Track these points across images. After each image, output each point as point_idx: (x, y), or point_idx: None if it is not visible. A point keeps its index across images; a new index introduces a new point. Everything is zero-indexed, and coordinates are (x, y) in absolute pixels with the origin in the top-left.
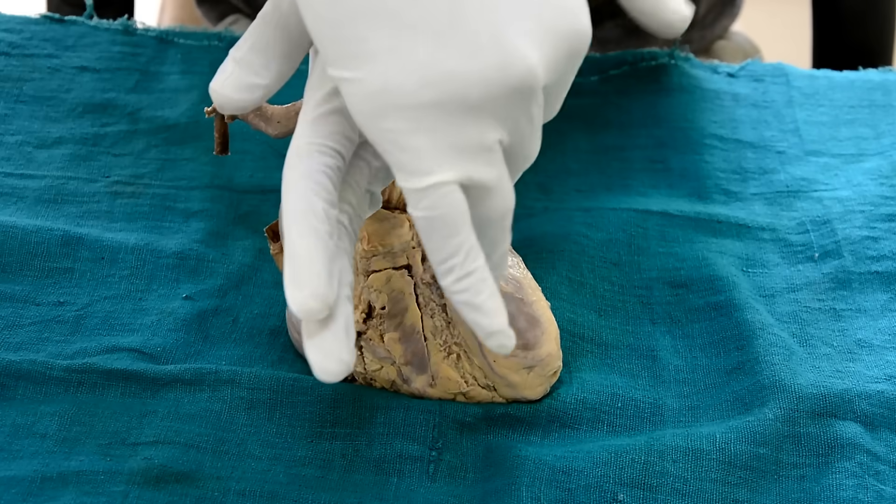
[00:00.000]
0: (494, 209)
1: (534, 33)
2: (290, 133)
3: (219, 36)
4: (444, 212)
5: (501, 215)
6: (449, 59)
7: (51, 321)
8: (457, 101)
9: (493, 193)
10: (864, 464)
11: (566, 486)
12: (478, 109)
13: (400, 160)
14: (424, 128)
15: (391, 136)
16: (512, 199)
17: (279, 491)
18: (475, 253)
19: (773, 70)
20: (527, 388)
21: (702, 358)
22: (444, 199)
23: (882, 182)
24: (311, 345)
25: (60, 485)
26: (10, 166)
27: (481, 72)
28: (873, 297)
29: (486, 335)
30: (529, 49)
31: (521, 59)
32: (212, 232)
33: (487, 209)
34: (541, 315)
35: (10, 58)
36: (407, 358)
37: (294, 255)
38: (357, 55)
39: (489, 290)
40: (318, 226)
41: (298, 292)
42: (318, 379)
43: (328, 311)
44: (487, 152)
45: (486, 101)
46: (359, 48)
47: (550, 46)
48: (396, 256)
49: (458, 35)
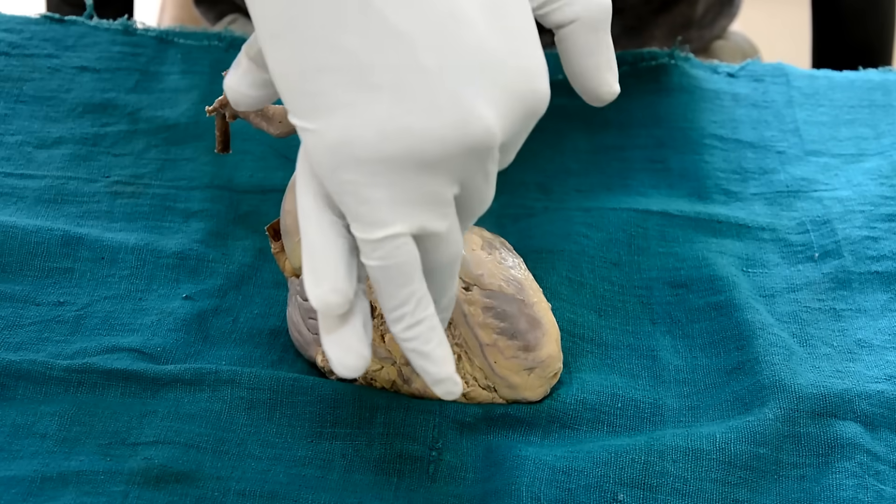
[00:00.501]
0: (444, 256)
1: (492, 94)
2: (291, 133)
3: (219, 36)
4: (397, 262)
5: (450, 262)
6: (408, 115)
7: (51, 321)
8: (414, 157)
9: (443, 243)
10: (864, 464)
11: (566, 486)
12: (434, 166)
13: (356, 211)
14: (381, 181)
15: (348, 188)
16: (460, 246)
17: (279, 491)
18: (425, 302)
19: (773, 70)
20: (527, 389)
21: (702, 358)
22: (398, 250)
23: (882, 182)
24: (330, 340)
25: (60, 485)
26: (10, 166)
27: (439, 130)
28: (873, 297)
29: (434, 382)
30: (487, 109)
31: (478, 120)
32: (212, 232)
33: (438, 257)
34: (542, 317)
35: (10, 58)
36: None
37: (312, 250)
38: (318, 107)
39: (437, 339)
40: (336, 221)
41: (318, 287)
42: (338, 374)
43: (348, 306)
44: (441, 205)
45: (443, 158)
46: (320, 101)
47: (508, 107)
48: None
49: (418, 93)
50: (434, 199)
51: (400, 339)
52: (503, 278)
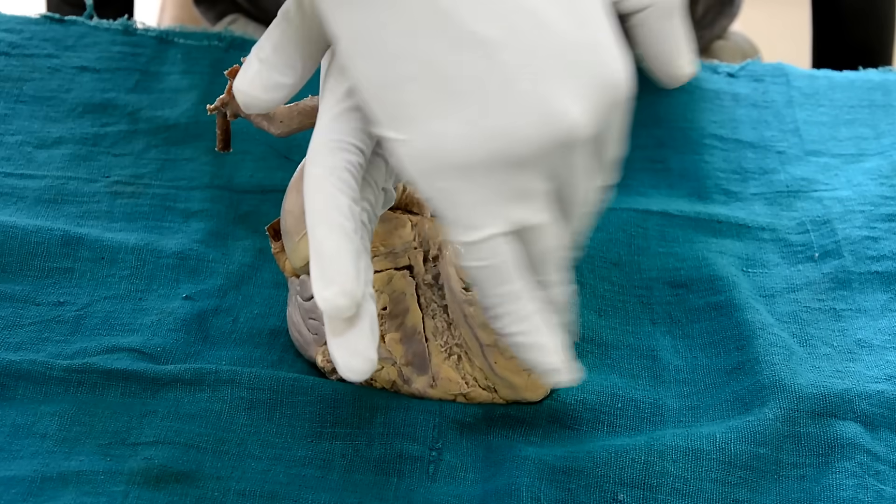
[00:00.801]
0: (546, 249)
1: (574, 87)
2: (293, 133)
3: (219, 36)
4: (495, 262)
5: (553, 254)
6: (493, 118)
7: (51, 321)
8: (503, 158)
9: (544, 235)
10: (864, 464)
11: (566, 486)
12: (525, 164)
13: (452, 216)
14: (473, 185)
15: (442, 194)
16: (563, 239)
17: (279, 491)
18: (526, 298)
19: (773, 70)
20: (527, 389)
21: (702, 358)
22: (496, 250)
23: (882, 182)
24: (338, 343)
25: (60, 485)
26: (10, 166)
27: (525, 129)
28: (873, 297)
29: (546, 373)
30: (570, 103)
31: (562, 115)
32: (212, 232)
33: (540, 249)
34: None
35: (10, 58)
36: (408, 358)
37: (321, 252)
38: (405, 118)
39: (545, 331)
40: (344, 222)
41: (327, 290)
42: (344, 377)
43: (356, 309)
44: (535, 201)
45: (532, 156)
46: (406, 111)
47: (590, 99)
48: (398, 257)
49: (501, 95)
50: (528, 194)
51: (506, 334)
52: None
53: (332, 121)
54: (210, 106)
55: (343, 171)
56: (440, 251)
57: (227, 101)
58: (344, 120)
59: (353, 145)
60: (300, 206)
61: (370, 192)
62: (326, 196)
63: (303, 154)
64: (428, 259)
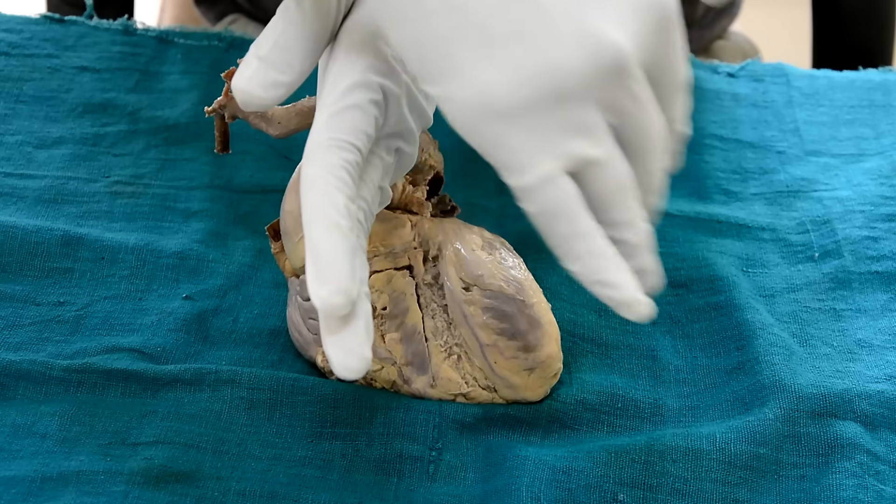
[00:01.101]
0: (609, 184)
1: (615, 14)
2: (291, 133)
3: (219, 36)
4: (555, 202)
5: (618, 189)
6: (536, 57)
7: (51, 321)
8: (552, 95)
9: (604, 169)
10: (864, 464)
11: (566, 486)
12: (574, 98)
13: (505, 161)
14: (524, 126)
15: (494, 141)
16: (625, 174)
17: (279, 491)
18: (594, 234)
19: (773, 70)
20: (527, 389)
21: (702, 358)
22: (554, 189)
23: (882, 182)
24: (332, 342)
25: (60, 485)
26: (10, 166)
27: (569, 62)
28: (873, 297)
29: (620, 306)
30: (614, 31)
31: (605, 42)
32: (212, 232)
33: (603, 185)
34: (542, 317)
35: (10, 58)
36: (408, 358)
37: (317, 250)
38: (449, 71)
39: (614, 266)
40: (340, 221)
41: (322, 288)
42: (339, 376)
43: (351, 308)
44: (589, 134)
45: (580, 88)
46: (450, 64)
47: (634, 22)
48: (398, 257)
49: (543, 33)
50: (581, 129)
51: (574, 273)
52: (503, 279)
53: (329, 119)
54: (208, 108)
55: (340, 169)
56: (440, 251)
57: (225, 104)
58: (342, 119)
59: (350, 144)
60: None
61: (367, 190)
62: (323, 194)
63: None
64: (428, 259)
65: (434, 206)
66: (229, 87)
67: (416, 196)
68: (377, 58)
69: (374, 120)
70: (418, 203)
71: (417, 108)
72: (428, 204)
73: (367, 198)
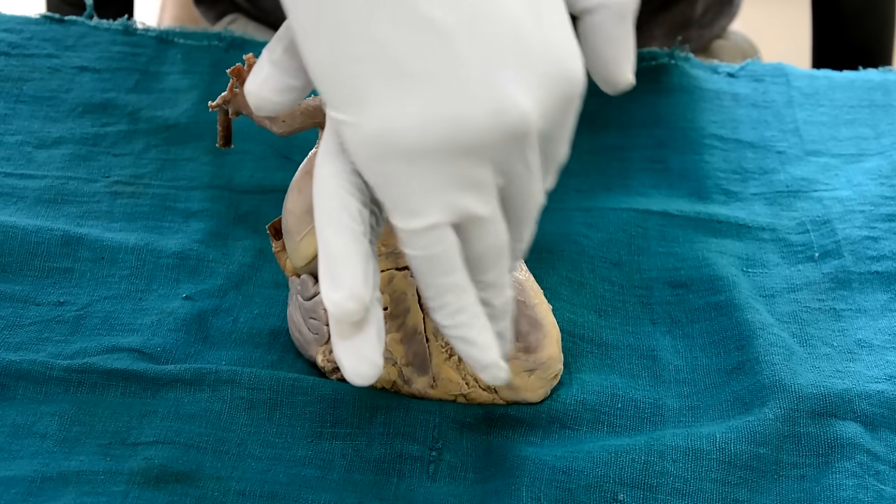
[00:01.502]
0: (488, 246)
1: (527, 79)
2: (295, 132)
3: (219, 36)
4: (438, 251)
5: (495, 253)
6: (444, 104)
7: (51, 321)
8: (452, 145)
9: (486, 230)
10: (864, 464)
11: (566, 486)
12: (473, 153)
13: (396, 202)
14: (420, 171)
15: (388, 179)
16: (504, 238)
17: (279, 491)
18: (467, 290)
19: (773, 70)
20: (528, 390)
21: (702, 358)
22: (439, 239)
23: (882, 182)
24: (344, 347)
25: (60, 485)
26: (10, 166)
27: (476, 118)
28: (873, 297)
29: (480, 368)
30: (522, 95)
31: (514, 106)
32: (212, 232)
33: (481, 246)
34: (542, 318)
35: (10, 58)
36: (408, 359)
37: (331, 254)
38: (354, 99)
39: (480, 325)
40: (354, 226)
41: (336, 293)
42: (350, 381)
43: (364, 313)
44: (481, 192)
45: (481, 145)
46: (356, 93)
47: (543, 92)
48: (399, 257)
49: (454, 82)
50: (474, 185)
51: (442, 326)
52: None
53: None
54: (212, 103)
55: (353, 174)
56: None
57: (229, 99)
58: None
59: None
60: (301, 205)
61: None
62: (337, 199)
63: (303, 154)
64: None
65: None
66: (233, 84)
67: None
68: None
69: None
70: None
71: None
72: None
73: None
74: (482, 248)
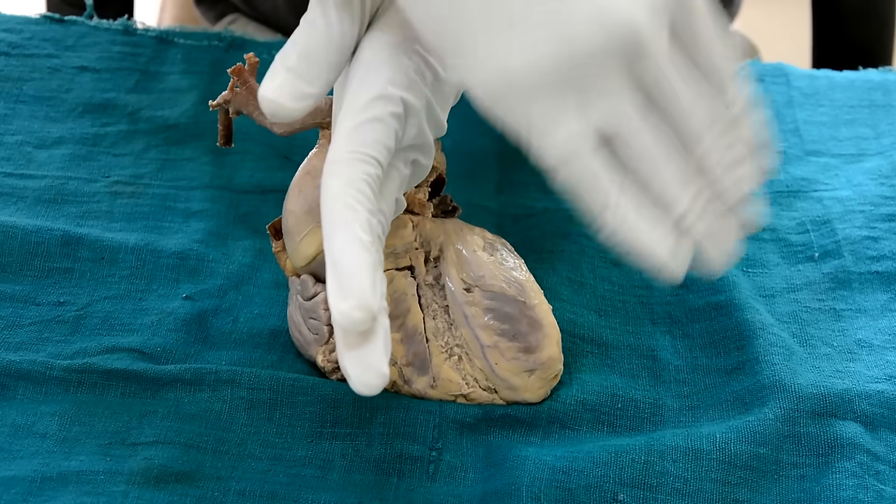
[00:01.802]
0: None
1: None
2: (296, 132)
3: (219, 36)
4: (581, 163)
5: (654, 155)
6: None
7: (51, 321)
8: (569, 66)
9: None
10: (864, 464)
11: (566, 486)
12: (591, 67)
13: (530, 128)
14: (546, 95)
15: (518, 110)
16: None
17: (279, 491)
18: (622, 195)
19: (773, 70)
20: (528, 390)
21: (702, 358)
22: (579, 150)
23: (882, 182)
24: (351, 357)
25: (60, 485)
26: (10, 166)
27: (585, 37)
28: (873, 297)
29: (652, 270)
30: (629, 4)
31: (615, 10)
32: (212, 232)
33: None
34: (543, 318)
35: (10, 58)
36: (408, 359)
37: (339, 264)
38: (469, 45)
39: (642, 230)
40: (362, 235)
41: (344, 303)
42: (356, 392)
43: (372, 323)
44: (613, 99)
45: (597, 59)
46: (470, 38)
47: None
48: (399, 257)
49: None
50: (604, 94)
51: (607, 239)
52: (504, 280)
53: (351, 132)
54: (213, 102)
55: (362, 182)
56: (441, 252)
57: (230, 98)
58: (363, 132)
59: (371, 157)
60: (301, 206)
61: (385, 204)
62: (345, 208)
63: (303, 154)
64: (429, 259)
65: (435, 207)
66: (234, 83)
67: (417, 197)
68: (398, 71)
69: (394, 133)
70: (420, 204)
71: (435, 120)
72: (429, 205)
73: (385, 211)
74: (640, 152)
